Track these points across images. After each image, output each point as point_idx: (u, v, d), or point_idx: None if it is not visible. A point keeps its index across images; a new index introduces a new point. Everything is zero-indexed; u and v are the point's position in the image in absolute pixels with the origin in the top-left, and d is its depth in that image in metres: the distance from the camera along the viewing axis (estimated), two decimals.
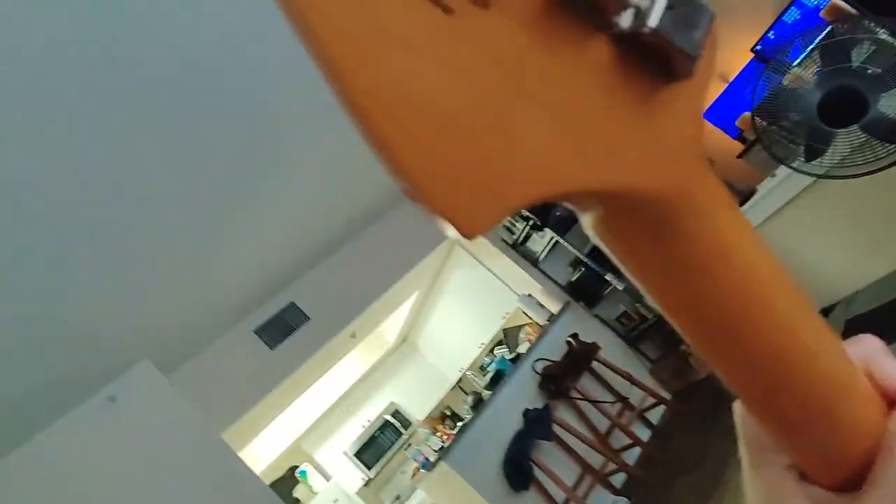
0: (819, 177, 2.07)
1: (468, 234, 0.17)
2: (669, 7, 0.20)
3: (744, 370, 0.25)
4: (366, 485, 6.42)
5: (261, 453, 5.66)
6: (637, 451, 3.97)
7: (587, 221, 0.24)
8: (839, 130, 1.87)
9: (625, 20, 0.20)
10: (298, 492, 6.23)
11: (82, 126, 2.08)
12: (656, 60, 0.21)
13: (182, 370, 3.79)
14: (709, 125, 4.89)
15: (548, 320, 4.66)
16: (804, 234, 2.59)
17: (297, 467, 6.39)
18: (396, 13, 0.17)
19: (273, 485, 5.67)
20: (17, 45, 1.73)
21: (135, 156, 2.36)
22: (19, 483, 2.85)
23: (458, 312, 6.25)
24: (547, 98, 0.19)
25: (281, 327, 4.12)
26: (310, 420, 6.35)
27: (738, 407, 0.28)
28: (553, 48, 0.19)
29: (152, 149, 2.40)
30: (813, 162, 2.01)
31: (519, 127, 0.19)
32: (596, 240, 0.24)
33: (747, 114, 2.69)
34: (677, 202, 0.22)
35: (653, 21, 0.20)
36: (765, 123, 2.35)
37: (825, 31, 2.03)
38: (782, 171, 2.61)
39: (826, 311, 2.75)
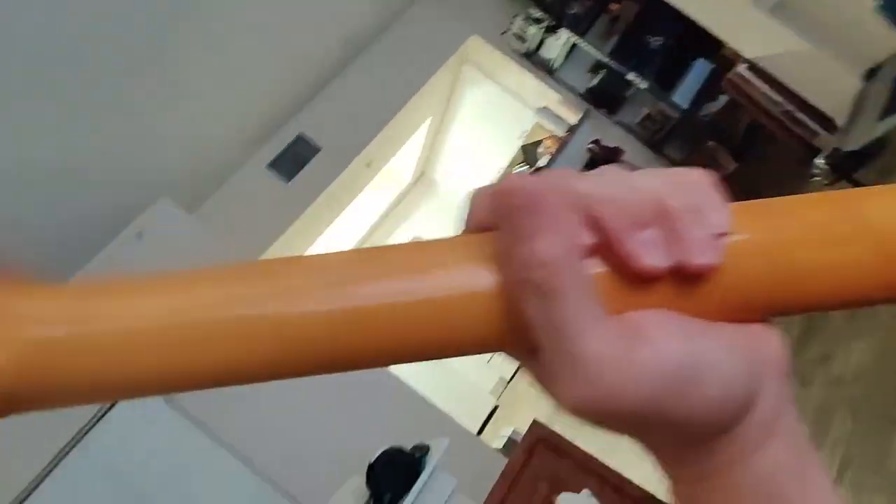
0: None
1: None
2: None
3: None
4: None
5: None
6: None
7: None
8: None
9: None
10: None
11: None
12: None
13: (204, 207, 3.80)
14: None
15: (567, 132, 4.46)
16: None
17: None
18: None
19: None
20: None
21: None
22: None
23: (474, 138, 6.06)
24: None
25: (293, 159, 4.02)
26: None
27: None
28: None
29: None
30: None
31: None
32: None
33: None
34: None
35: None
36: None
37: None
38: None
39: (873, 71, 2.52)
